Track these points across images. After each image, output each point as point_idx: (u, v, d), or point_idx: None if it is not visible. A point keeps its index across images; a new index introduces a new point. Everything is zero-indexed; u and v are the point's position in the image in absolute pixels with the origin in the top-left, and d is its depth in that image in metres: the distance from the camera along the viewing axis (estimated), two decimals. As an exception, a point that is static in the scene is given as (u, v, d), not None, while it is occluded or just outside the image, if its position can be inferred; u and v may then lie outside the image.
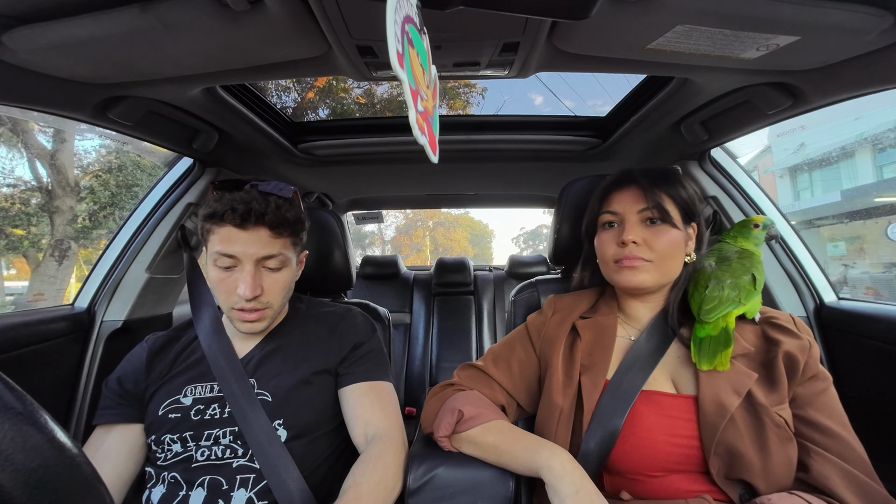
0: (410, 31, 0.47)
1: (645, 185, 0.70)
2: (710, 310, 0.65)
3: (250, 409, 0.70)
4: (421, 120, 0.48)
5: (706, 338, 0.65)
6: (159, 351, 0.79)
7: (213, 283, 0.73)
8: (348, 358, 0.80)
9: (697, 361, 0.63)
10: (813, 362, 0.63)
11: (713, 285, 0.68)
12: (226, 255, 0.70)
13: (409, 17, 0.46)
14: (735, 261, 0.71)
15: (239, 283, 0.70)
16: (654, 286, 0.70)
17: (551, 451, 0.59)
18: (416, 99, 0.47)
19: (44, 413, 0.26)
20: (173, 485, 0.67)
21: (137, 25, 0.59)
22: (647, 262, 0.68)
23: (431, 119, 0.54)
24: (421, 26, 0.50)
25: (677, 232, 0.68)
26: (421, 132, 0.47)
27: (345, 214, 2.28)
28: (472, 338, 2.16)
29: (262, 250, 0.71)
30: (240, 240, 0.70)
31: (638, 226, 0.69)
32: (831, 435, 0.59)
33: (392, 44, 0.40)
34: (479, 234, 25.36)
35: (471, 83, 7.44)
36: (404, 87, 0.44)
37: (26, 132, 5.60)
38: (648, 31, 0.63)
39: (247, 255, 0.70)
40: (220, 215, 0.69)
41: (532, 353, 0.77)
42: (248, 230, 0.70)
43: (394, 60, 0.40)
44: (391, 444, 0.70)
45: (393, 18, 0.41)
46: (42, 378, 0.97)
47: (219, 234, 0.71)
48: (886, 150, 8.44)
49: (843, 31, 0.60)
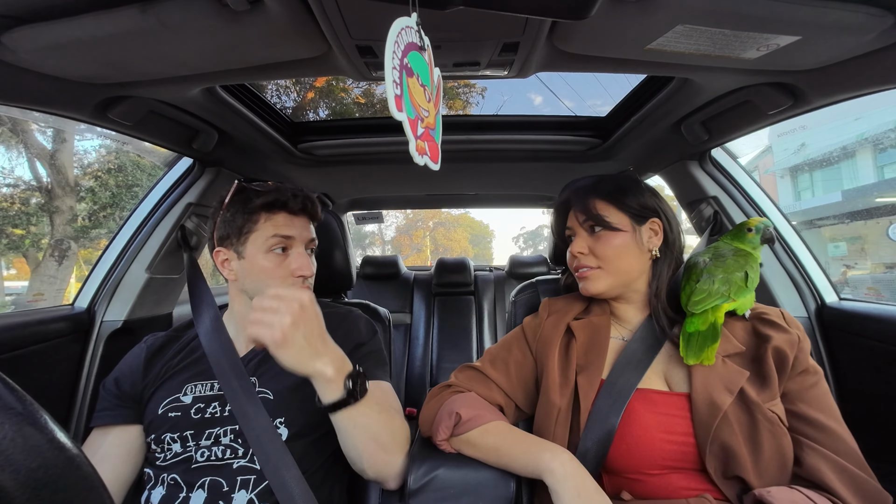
0: (411, 58, 0.47)
1: (577, 199, 0.76)
2: (697, 301, 0.66)
3: (251, 407, 0.70)
4: (421, 143, 0.49)
5: (694, 332, 0.65)
6: (158, 351, 0.79)
7: (269, 268, 0.75)
8: (349, 358, 0.80)
9: (685, 356, 0.64)
10: (802, 356, 0.63)
11: (704, 279, 0.68)
12: (284, 236, 0.76)
13: (411, 45, 0.46)
14: (730, 258, 0.71)
15: (295, 262, 0.77)
16: (610, 290, 0.73)
17: (552, 454, 0.59)
18: (416, 127, 0.48)
19: (44, 413, 0.26)
20: (173, 486, 0.67)
21: (137, 25, 0.59)
22: (596, 269, 0.72)
23: (433, 131, 0.54)
24: (422, 43, 0.50)
25: (622, 234, 0.71)
26: (421, 155, 0.48)
27: (345, 214, 2.28)
28: (472, 338, 2.16)
29: (311, 233, 0.81)
30: (294, 224, 0.78)
31: (584, 238, 0.75)
32: (823, 429, 0.60)
33: (390, 90, 0.41)
34: (479, 234, 25.36)
35: (470, 83, 7.44)
36: (403, 123, 0.45)
37: (26, 132, 5.61)
38: (648, 31, 0.63)
39: (301, 237, 0.79)
40: (283, 203, 0.77)
41: (529, 354, 0.78)
42: (299, 216, 0.79)
43: (392, 107, 0.41)
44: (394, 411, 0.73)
45: (391, 65, 0.41)
46: (42, 378, 0.97)
47: (273, 221, 0.76)
48: (887, 151, 8.43)
49: (843, 31, 0.60)
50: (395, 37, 0.43)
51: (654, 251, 0.73)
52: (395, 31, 0.43)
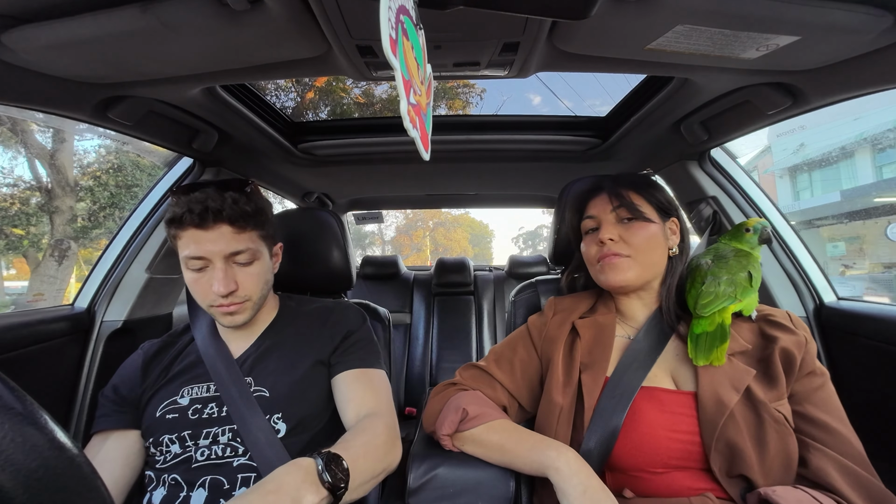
0: (406, 22, 0.46)
1: (611, 188, 0.75)
2: (705, 304, 0.66)
3: (247, 409, 0.70)
4: (413, 113, 0.47)
5: (702, 334, 0.65)
6: (154, 357, 0.80)
7: (190, 285, 0.74)
8: (340, 347, 0.81)
9: (694, 357, 0.64)
10: (810, 358, 0.63)
11: (710, 281, 0.68)
12: (194, 257, 0.70)
13: (403, 9, 0.46)
14: (732, 259, 0.71)
15: (213, 281, 0.70)
16: (637, 282, 0.72)
17: (557, 451, 0.59)
18: (409, 91, 0.46)
19: (44, 413, 0.26)
20: (174, 486, 0.67)
21: (137, 25, 0.59)
22: (627, 258, 0.70)
23: (424, 115, 0.53)
24: (417, 21, 0.49)
25: (653, 226, 0.72)
26: (413, 125, 0.47)
27: (345, 214, 2.28)
28: (472, 338, 2.16)
29: (228, 247, 0.71)
30: (204, 239, 0.70)
31: (613, 225, 0.73)
32: (829, 430, 0.60)
33: (385, 28, 0.39)
34: (479, 234, 25.37)
35: (470, 83, 7.44)
36: (397, 76, 0.43)
37: (26, 132, 5.60)
38: (648, 31, 0.63)
39: (214, 254, 0.70)
40: (180, 218, 0.70)
41: (534, 353, 0.78)
42: (210, 229, 0.70)
43: (386, 46, 0.39)
44: (381, 419, 0.70)
45: (387, 4, 0.40)
46: (42, 378, 0.97)
47: (184, 238, 0.71)
48: (886, 151, 8.44)
49: (843, 31, 0.60)
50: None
51: (674, 248, 0.74)
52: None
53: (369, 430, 0.66)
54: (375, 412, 0.72)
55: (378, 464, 0.63)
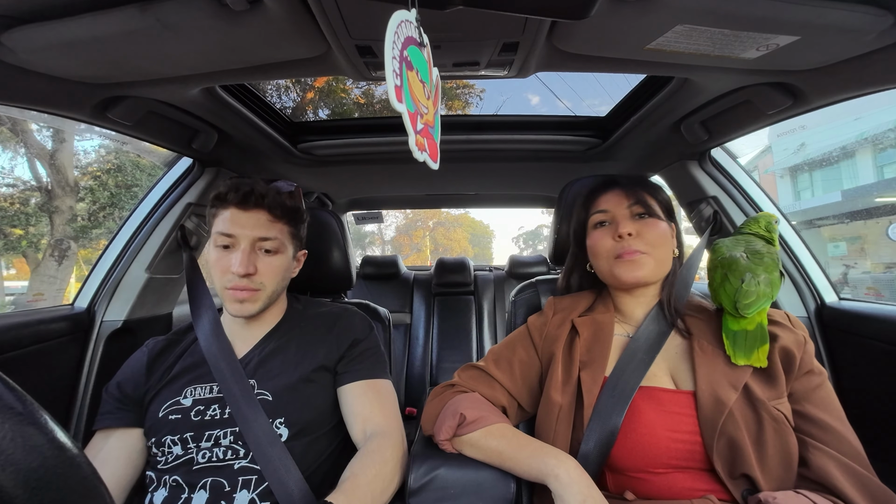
0: (410, 52, 0.47)
1: (626, 184, 0.77)
2: (748, 304, 0.64)
3: (250, 410, 0.70)
4: (420, 138, 0.48)
5: (741, 331, 0.64)
6: (159, 355, 0.79)
7: (212, 263, 0.75)
8: (346, 356, 0.81)
9: (732, 355, 0.63)
10: (808, 357, 0.63)
11: (749, 279, 0.66)
12: (225, 233, 0.73)
13: (410, 39, 0.46)
14: (766, 255, 0.70)
15: (234, 260, 0.73)
16: (652, 278, 0.72)
17: (557, 460, 0.59)
18: (416, 121, 0.47)
19: (44, 413, 0.26)
20: (175, 488, 0.67)
21: (137, 25, 0.59)
22: (644, 255, 0.71)
23: (432, 129, 0.54)
24: (422, 40, 0.50)
25: (665, 224, 0.73)
26: (420, 150, 0.48)
27: (345, 214, 2.28)
28: (472, 338, 2.16)
29: (259, 231, 0.74)
30: (240, 220, 0.74)
31: (629, 220, 0.73)
32: (828, 429, 0.60)
33: (390, 80, 0.41)
34: (479, 234, 25.35)
35: (469, 84, 7.44)
36: (403, 116, 0.44)
37: (26, 132, 5.60)
38: (648, 31, 0.63)
39: (244, 235, 0.74)
40: (224, 196, 0.74)
41: (534, 353, 0.77)
42: (249, 211, 0.74)
43: (392, 97, 0.41)
44: (389, 440, 0.71)
45: (391, 55, 0.41)
46: (42, 378, 0.97)
47: (221, 216, 0.75)
48: (887, 150, 8.44)
49: (843, 31, 0.60)
50: (394, 27, 0.42)
51: (675, 250, 0.76)
52: (395, 23, 0.43)
53: (378, 458, 0.67)
54: (384, 431, 0.72)
55: (385, 494, 0.65)
